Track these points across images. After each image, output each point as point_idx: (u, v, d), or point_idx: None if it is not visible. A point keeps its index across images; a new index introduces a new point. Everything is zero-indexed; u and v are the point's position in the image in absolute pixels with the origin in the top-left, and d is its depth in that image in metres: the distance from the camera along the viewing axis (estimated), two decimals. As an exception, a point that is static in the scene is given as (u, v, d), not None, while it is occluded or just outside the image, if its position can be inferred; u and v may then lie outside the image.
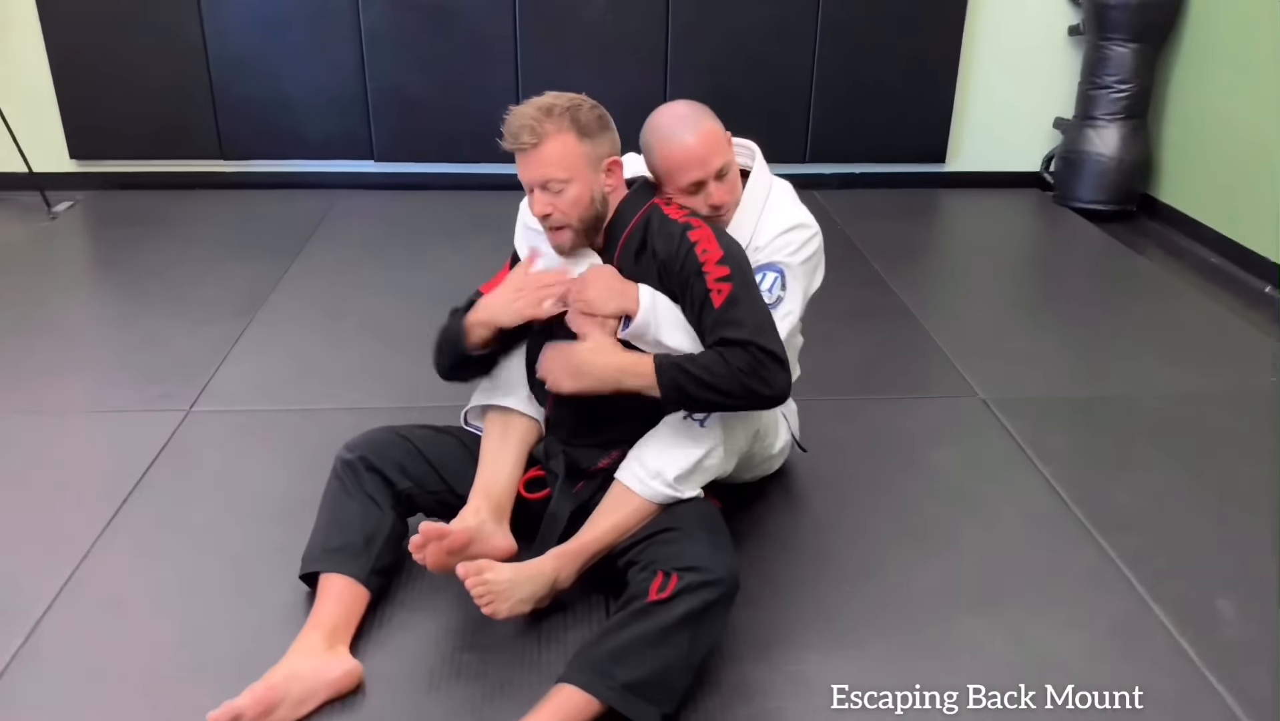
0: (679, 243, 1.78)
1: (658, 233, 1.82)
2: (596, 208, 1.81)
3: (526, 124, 1.73)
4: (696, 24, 4.24)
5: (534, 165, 1.75)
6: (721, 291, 1.73)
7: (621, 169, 1.85)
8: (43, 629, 1.79)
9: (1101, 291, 3.69)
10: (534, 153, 1.73)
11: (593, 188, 1.78)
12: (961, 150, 4.59)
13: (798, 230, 1.95)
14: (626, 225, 1.84)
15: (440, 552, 1.70)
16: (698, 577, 1.60)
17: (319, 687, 1.62)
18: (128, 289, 3.49)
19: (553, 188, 1.75)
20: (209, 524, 2.10)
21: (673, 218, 1.83)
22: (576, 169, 1.75)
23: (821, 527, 2.14)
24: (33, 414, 2.54)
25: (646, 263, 1.82)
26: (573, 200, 1.76)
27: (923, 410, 2.61)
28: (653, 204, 1.86)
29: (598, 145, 1.79)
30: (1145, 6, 4.03)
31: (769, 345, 1.72)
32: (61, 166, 4.29)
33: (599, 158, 1.79)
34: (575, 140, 1.75)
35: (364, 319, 3.10)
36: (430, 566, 1.72)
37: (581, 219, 1.79)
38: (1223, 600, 1.93)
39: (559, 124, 1.74)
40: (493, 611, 1.67)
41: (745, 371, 1.69)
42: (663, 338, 1.79)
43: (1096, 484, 2.30)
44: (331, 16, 4.13)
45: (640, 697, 1.54)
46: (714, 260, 1.76)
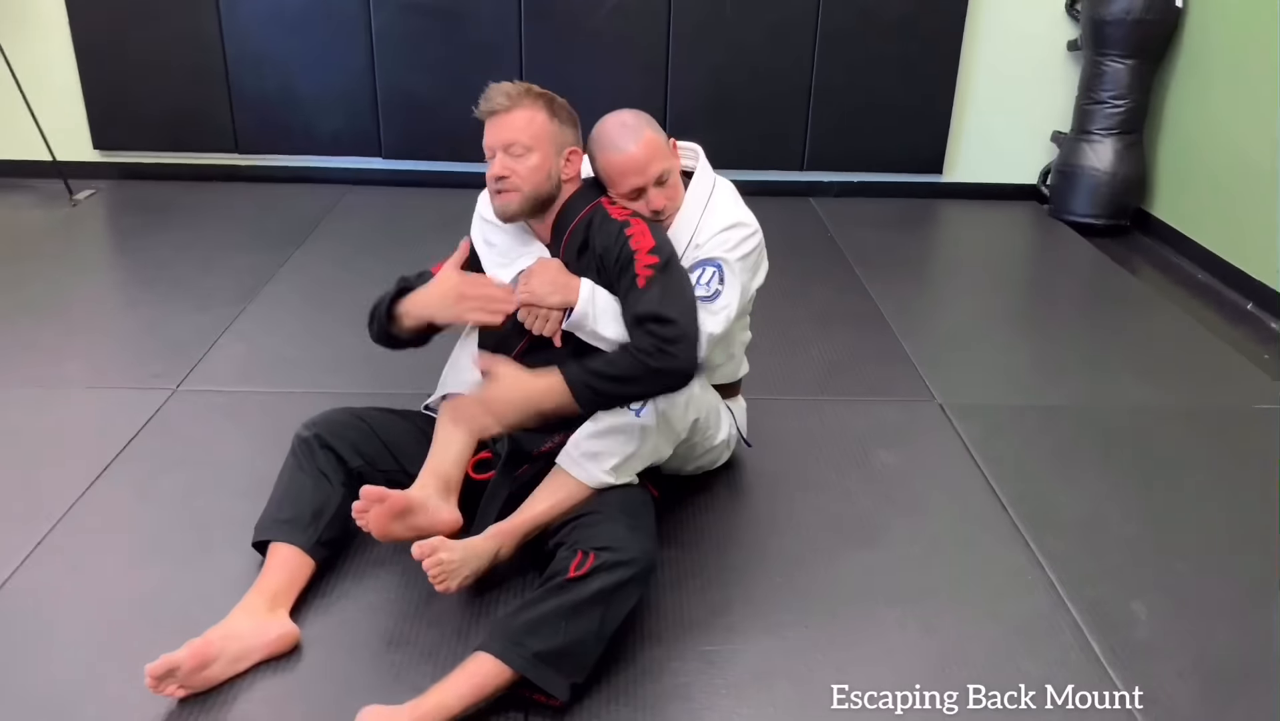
0: (615, 237, 1.89)
1: (598, 230, 1.93)
2: (550, 185, 1.92)
3: (505, 90, 1.88)
4: (697, 31, 4.33)
5: (502, 127, 1.87)
6: (646, 276, 1.84)
7: (581, 160, 1.97)
8: (10, 586, 1.92)
9: (1084, 305, 3.73)
10: (504, 115, 1.86)
11: (551, 165, 1.90)
12: (959, 161, 4.64)
13: (737, 228, 2.03)
14: (572, 220, 1.95)
15: (382, 516, 1.78)
16: (612, 557, 1.69)
17: (255, 647, 1.73)
18: (136, 274, 3.66)
19: (515, 151, 1.87)
20: (179, 494, 2.23)
21: (614, 217, 1.94)
22: (540, 141, 1.88)
23: (758, 520, 2.22)
24: (32, 387, 2.69)
25: (588, 259, 1.93)
26: (531, 168, 1.88)
27: (877, 412, 2.68)
28: (598, 203, 1.97)
29: (564, 130, 1.93)
30: (1141, 23, 4.06)
31: (674, 316, 1.78)
32: (84, 156, 4.48)
33: (563, 142, 1.92)
34: (545, 116, 1.89)
35: (353, 309, 3.16)
36: (374, 531, 1.79)
37: (534, 188, 1.90)
38: (1138, 603, 1.98)
39: (535, 100, 1.89)
40: (445, 588, 1.77)
41: (648, 352, 1.77)
42: (600, 329, 1.89)
43: (1036, 489, 2.35)
44: (343, 18, 4.28)
45: (550, 667, 1.63)
46: (645, 249, 1.87)
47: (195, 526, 2.12)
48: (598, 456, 1.88)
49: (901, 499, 2.31)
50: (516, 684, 1.64)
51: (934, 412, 2.70)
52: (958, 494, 2.35)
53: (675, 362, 1.79)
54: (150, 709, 1.63)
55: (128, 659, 1.72)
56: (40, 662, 1.75)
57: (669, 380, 1.82)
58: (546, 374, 1.79)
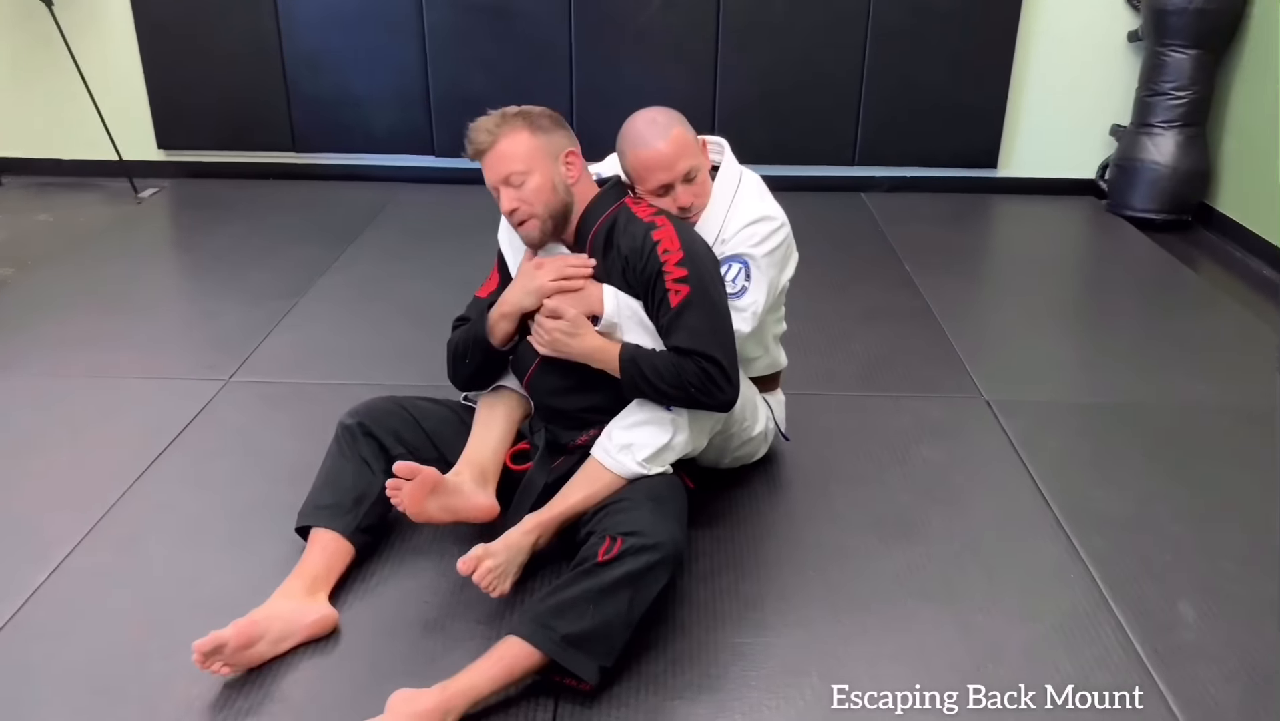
0: (642, 241, 1.88)
1: (623, 231, 1.92)
2: (560, 196, 1.91)
3: (483, 127, 1.87)
4: (746, 27, 4.32)
5: (494, 163, 1.87)
6: (678, 292, 1.85)
7: (580, 159, 1.95)
8: (67, 566, 2.00)
9: (1140, 301, 3.64)
10: (492, 151, 1.86)
11: (553, 177, 1.89)
12: (1014, 156, 4.56)
13: (763, 222, 2.02)
14: (595, 223, 1.95)
15: (415, 492, 1.81)
16: (639, 541, 1.70)
17: (297, 628, 1.77)
18: (194, 269, 3.77)
19: (514, 180, 1.86)
20: (227, 482, 2.30)
21: (639, 216, 1.93)
22: (533, 160, 1.87)
23: (795, 514, 2.21)
24: (92, 376, 2.79)
25: (612, 260, 1.93)
26: (535, 190, 1.87)
27: (921, 408, 2.65)
28: (622, 203, 1.97)
29: (552, 138, 1.90)
30: (1205, 13, 3.95)
31: (719, 357, 1.85)
32: (149, 155, 4.62)
33: (555, 150, 1.90)
34: (528, 135, 1.87)
35: (402, 303, 3.29)
36: (408, 509, 1.82)
37: (547, 208, 1.89)
38: (1185, 604, 1.94)
39: (513, 124, 1.87)
40: (501, 593, 1.80)
41: (695, 385, 1.84)
42: (627, 338, 1.90)
43: (1081, 486, 2.31)
44: (397, 18, 4.35)
45: (578, 650, 1.65)
46: (674, 261, 1.86)
47: (241, 512, 2.18)
48: (630, 447, 1.89)
49: (942, 495, 2.28)
50: (546, 668, 1.66)
51: (980, 409, 2.66)
52: (1000, 490, 2.31)
53: (717, 399, 1.88)
54: (192, 686, 1.68)
55: (172, 637, 1.78)
56: (92, 638, 1.81)
57: (705, 407, 1.90)
58: (607, 343, 1.88)
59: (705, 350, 1.84)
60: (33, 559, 2.01)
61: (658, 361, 1.85)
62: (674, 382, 1.84)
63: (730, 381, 1.87)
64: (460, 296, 2.18)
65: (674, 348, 1.85)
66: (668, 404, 1.89)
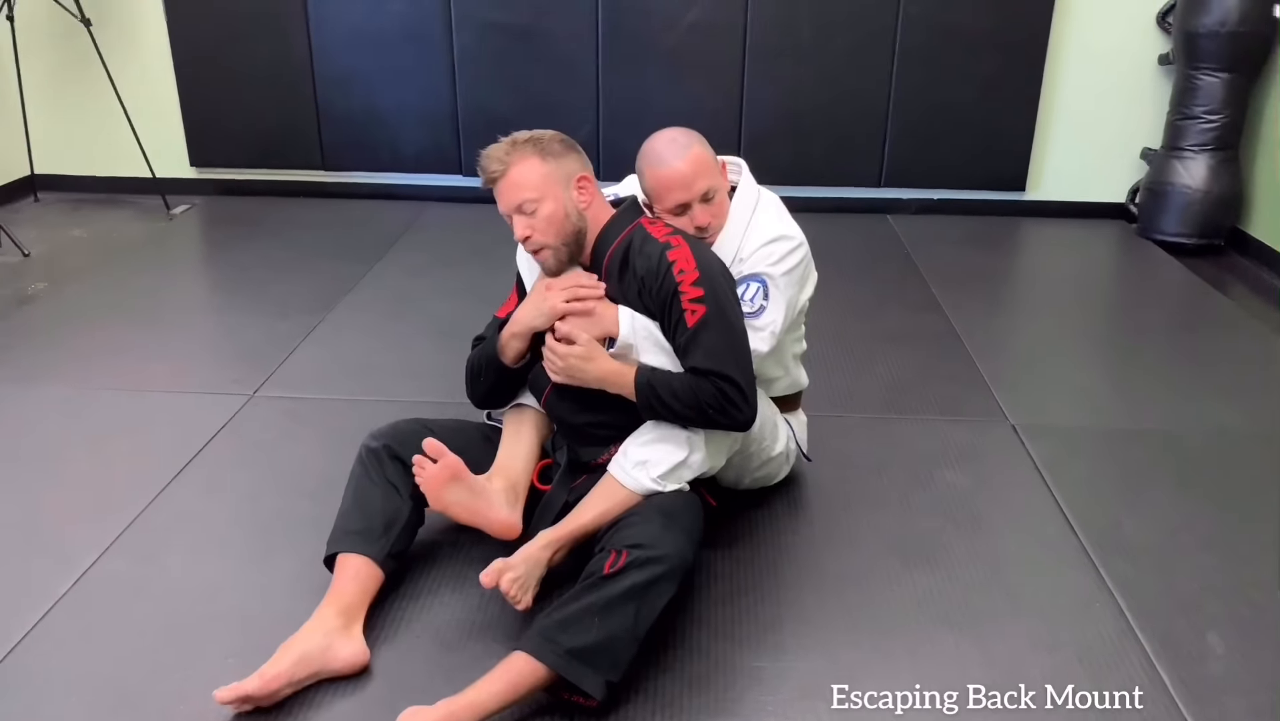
0: (658, 262, 1.87)
1: (639, 252, 1.91)
2: (573, 222, 1.90)
3: (495, 155, 1.87)
4: (774, 48, 4.33)
5: (506, 191, 1.86)
6: (694, 312, 1.84)
7: (593, 184, 1.94)
8: (89, 576, 2.01)
9: (1170, 326, 3.59)
10: (504, 179, 1.86)
11: (565, 204, 1.88)
12: (1043, 179, 4.53)
13: (781, 241, 2.02)
14: (610, 244, 1.94)
15: (438, 475, 1.81)
16: (644, 554, 1.69)
17: (325, 671, 1.73)
18: (223, 285, 3.82)
19: (527, 209, 1.86)
20: (250, 495, 2.31)
21: (654, 236, 1.92)
22: (545, 187, 1.86)
23: (816, 537, 2.19)
24: (119, 390, 2.82)
25: (629, 281, 1.92)
26: (547, 218, 1.86)
27: (946, 431, 2.62)
28: (637, 224, 1.96)
29: (563, 163, 1.89)
30: (1237, 35, 3.91)
31: (736, 377, 1.84)
32: (182, 173, 4.69)
33: (567, 175, 1.89)
34: (539, 161, 1.86)
35: (428, 321, 3.30)
36: (427, 491, 1.82)
37: (560, 235, 1.89)
38: (1214, 635, 1.90)
39: (523, 151, 1.86)
40: (525, 606, 1.79)
41: (712, 406, 1.83)
42: (643, 359, 1.89)
43: (1109, 513, 2.27)
44: (427, 39, 4.40)
45: (584, 664, 1.63)
46: (690, 280, 1.85)
47: (263, 526, 2.19)
48: (645, 464, 1.88)
49: (965, 520, 2.25)
50: (553, 685, 1.65)
51: (1005, 433, 2.63)
52: (1025, 516, 2.28)
53: (734, 419, 1.87)
54: (205, 699, 1.67)
55: (192, 649, 1.80)
56: (113, 648, 1.82)
57: (722, 428, 1.89)
58: (622, 367, 1.87)
59: (722, 370, 1.83)
60: (56, 568, 2.02)
61: (674, 383, 1.85)
62: (690, 404, 1.83)
63: (747, 401, 1.86)
64: (486, 315, 2.19)
65: (691, 368, 1.85)
66: (685, 425, 1.88)
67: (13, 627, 1.86)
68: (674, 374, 1.87)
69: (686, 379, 1.84)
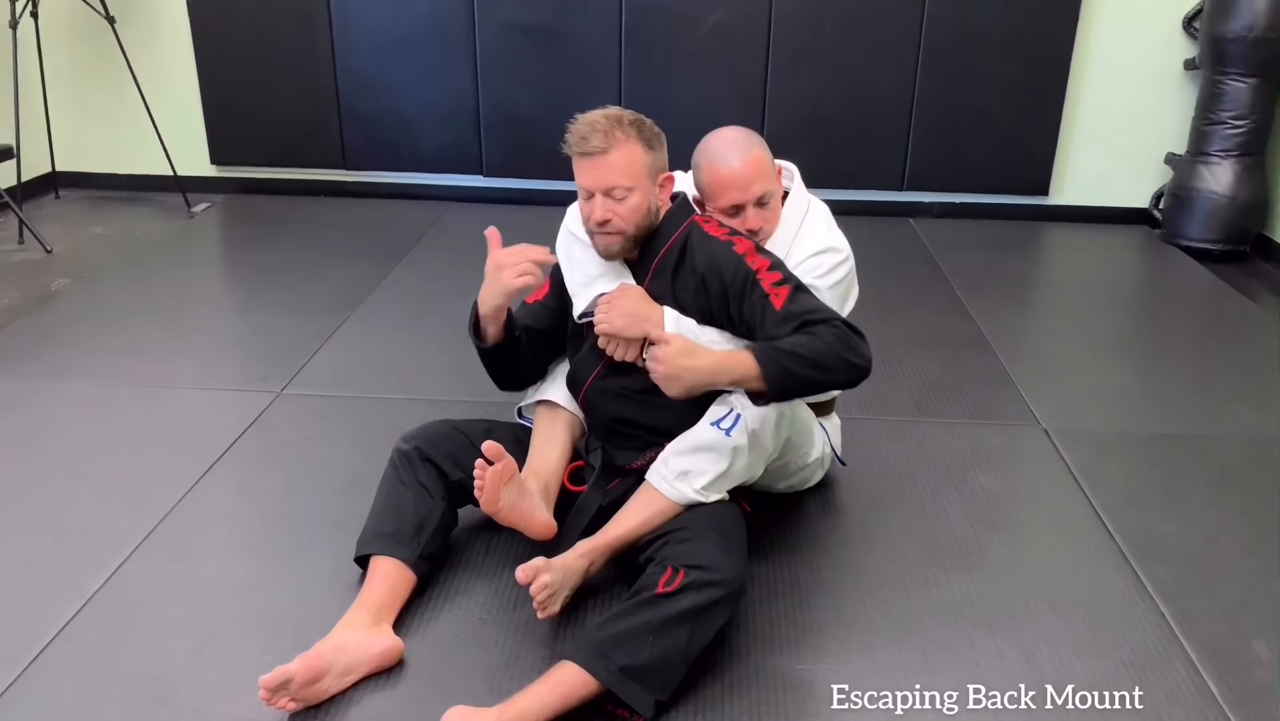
0: (726, 257, 1.85)
1: (698, 248, 1.89)
2: (650, 218, 1.89)
3: (599, 129, 1.79)
4: (797, 51, 4.31)
5: (602, 170, 1.81)
6: (779, 294, 1.80)
7: (673, 184, 1.94)
8: (121, 574, 2.00)
9: (1198, 331, 3.56)
10: (602, 158, 1.80)
11: (650, 198, 1.86)
12: (1066, 183, 4.50)
13: (829, 253, 2.00)
14: (665, 241, 1.92)
15: (496, 478, 1.76)
16: (703, 576, 1.67)
17: (363, 660, 1.72)
18: (246, 283, 3.81)
19: (616, 194, 1.82)
20: (278, 493, 2.29)
21: (713, 235, 1.91)
22: (639, 178, 1.83)
23: (852, 540, 2.17)
24: (146, 387, 2.81)
25: (685, 277, 1.90)
26: (633, 208, 1.84)
27: (978, 435, 2.60)
28: (691, 221, 1.94)
29: (658, 158, 1.87)
30: (1264, 41, 3.89)
31: (842, 320, 1.81)
32: (203, 171, 4.69)
33: (658, 170, 1.87)
34: (642, 150, 1.83)
35: (451, 320, 3.23)
36: (485, 493, 1.77)
37: (637, 227, 1.87)
38: (1260, 642, 1.87)
39: (628, 133, 1.81)
40: (550, 613, 1.77)
41: (840, 343, 1.76)
42: None
43: (1146, 519, 2.25)
44: (449, 39, 4.38)
45: (636, 682, 1.61)
46: (765, 268, 1.83)
47: (291, 524, 2.18)
48: (688, 475, 1.86)
49: (1001, 523, 2.23)
50: (600, 697, 1.63)
51: (1038, 437, 2.61)
52: (1061, 520, 2.26)
53: (863, 353, 1.79)
54: (242, 697, 1.66)
55: (224, 648, 1.79)
56: (145, 647, 1.81)
57: (856, 373, 1.81)
58: (726, 351, 1.81)
59: (831, 316, 1.79)
60: (87, 565, 2.01)
61: (795, 343, 1.75)
62: (821, 348, 1.74)
63: (864, 339, 1.81)
64: (508, 311, 2.17)
65: (800, 326, 1.77)
66: (819, 385, 1.82)
67: (45, 625, 1.84)
68: (784, 340, 1.77)
69: (801, 334, 1.77)
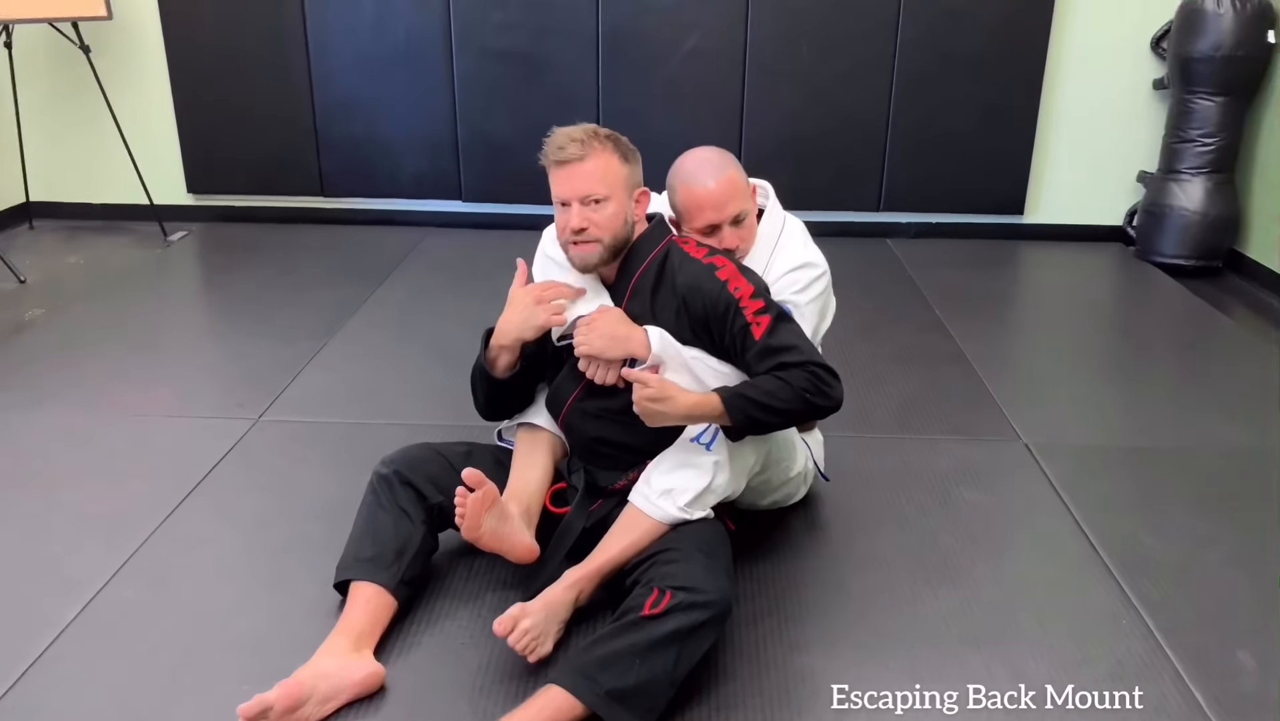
0: (710, 282, 1.85)
1: (679, 269, 1.89)
2: (627, 230, 1.89)
3: (575, 138, 1.82)
4: (773, 73, 4.35)
5: (579, 178, 1.82)
6: (761, 323, 1.81)
7: (649, 200, 1.95)
8: (97, 603, 1.96)
9: (1174, 346, 3.60)
10: (579, 166, 1.81)
11: (626, 211, 1.88)
12: (1041, 202, 4.55)
13: (805, 269, 2.01)
14: (642, 260, 1.92)
15: (477, 505, 1.75)
16: (689, 597, 1.66)
17: (343, 687, 1.69)
18: (224, 310, 3.78)
19: (593, 203, 1.84)
20: (258, 518, 2.27)
21: (693, 255, 1.91)
22: (616, 188, 1.85)
23: (838, 557, 2.16)
24: (124, 414, 2.78)
25: (665, 297, 1.90)
26: (609, 217, 1.85)
27: (959, 451, 2.61)
28: (669, 240, 1.95)
29: (634, 172, 1.89)
30: (1232, 59, 3.95)
31: (822, 361, 1.83)
32: (179, 199, 4.67)
33: (634, 184, 1.89)
34: (618, 161, 1.85)
35: (429, 344, 3.28)
36: (467, 520, 1.75)
37: (613, 237, 1.87)
38: (1244, 653, 1.88)
39: (604, 144, 1.84)
40: (539, 656, 1.75)
41: (809, 390, 1.79)
42: (669, 376, 1.85)
43: (1129, 532, 2.25)
44: (427, 65, 4.40)
45: (622, 705, 1.60)
46: (747, 295, 1.84)
47: (270, 550, 2.15)
48: (671, 493, 1.85)
49: (986, 539, 2.23)
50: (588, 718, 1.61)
51: (1019, 452, 2.61)
52: (1045, 535, 2.26)
53: (832, 397, 1.83)
54: (225, 727, 1.63)
55: (203, 676, 1.76)
56: (121, 676, 1.77)
57: (823, 414, 1.88)
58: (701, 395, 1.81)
59: (805, 359, 1.80)
60: (63, 595, 1.97)
61: (764, 387, 1.79)
62: (789, 396, 1.78)
63: (837, 379, 1.83)
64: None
65: (775, 366, 1.80)
66: (781, 425, 1.86)
67: (19, 656, 1.80)
68: (754, 380, 1.81)
69: (772, 378, 1.79)
